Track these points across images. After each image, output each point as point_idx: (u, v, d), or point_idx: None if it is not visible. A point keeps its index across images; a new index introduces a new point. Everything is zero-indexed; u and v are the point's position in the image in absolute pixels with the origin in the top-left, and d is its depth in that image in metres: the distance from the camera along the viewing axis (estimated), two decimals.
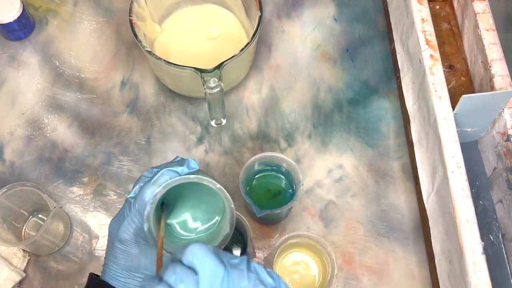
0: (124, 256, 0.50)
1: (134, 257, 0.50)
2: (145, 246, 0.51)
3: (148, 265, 0.50)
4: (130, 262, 0.50)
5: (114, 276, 0.51)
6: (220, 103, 0.72)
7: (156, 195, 0.48)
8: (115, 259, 0.51)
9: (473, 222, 0.61)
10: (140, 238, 0.50)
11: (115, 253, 0.51)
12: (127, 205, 0.51)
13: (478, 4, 0.76)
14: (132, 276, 0.51)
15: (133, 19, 0.75)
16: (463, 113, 0.68)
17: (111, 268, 0.51)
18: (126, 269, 0.50)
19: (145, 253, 0.50)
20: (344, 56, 0.88)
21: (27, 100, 0.84)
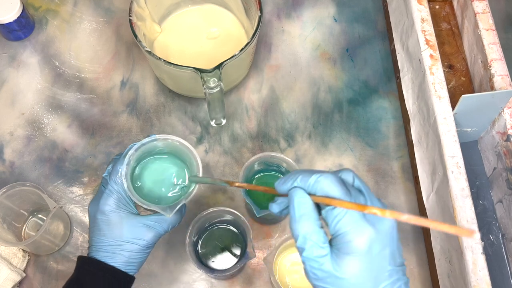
0: (107, 225, 0.53)
1: (117, 225, 0.53)
2: (125, 214, 0.54)
3: (132, 231, 0.53)
4: (114, 230, 0.53)
5: (100, 247, 0.53)
6: (220, 103, 0.72)
7: (129, 156, 0.54)
8: (99, 231, 0.53)
9: (473, 222, 0.61)
10: (120, 207, 0.54)
11: (99, 225, 0.53)
12: (103, 183, 0.55)
13: (478, 4, 0.76)
14: (117, 242, 0.53)
15: (133, 19, 0.75)
16: (463, 113, 0.68)
17: (96, 241, 0.53)
18: (111, 237, 0.53)
19: (127, 220, 0.53)
20: (344, 56, 0.88)
21: (27, 100, 0.84)
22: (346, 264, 0.37)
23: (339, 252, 0.38)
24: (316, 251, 0.38)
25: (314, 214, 0.39)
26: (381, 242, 0.37)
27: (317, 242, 0.38)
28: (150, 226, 0.54)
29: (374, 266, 0.37)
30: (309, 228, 0.39)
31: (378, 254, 0.37)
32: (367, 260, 0.37)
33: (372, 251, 0.37)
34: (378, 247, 0.37)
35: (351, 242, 0.37)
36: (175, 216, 0.56)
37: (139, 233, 0.53)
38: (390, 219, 0.38)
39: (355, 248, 0.37)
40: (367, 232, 0.37)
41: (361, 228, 0.37)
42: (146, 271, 0.72)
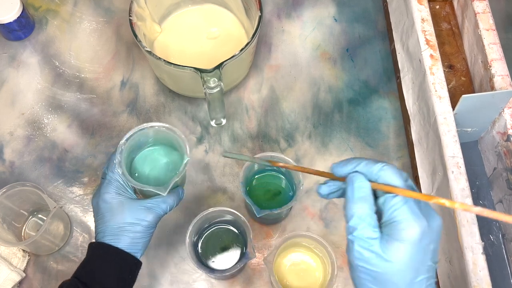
0: (110, 211, 0.57)
1: (118, 209, 0.57)
2: (125, 199, 0.58)
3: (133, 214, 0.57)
4: (116, 215, 0.57)
5: (105, 232, 0.57)
6: (220, 103, 0.72)
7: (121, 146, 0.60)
8: (103, 218, 0.57)
9: (473, 222, 0.61)
10: (119, 194, 0.58)
11: (102, 213, 0.58)
12: (102, 176, 0.60)
13: (478, 4, 0.76)
14: (120, 226, 0.57)
15: (133, 19, 0.75)
16: (463, 113, 0.68)
17: (101, 228, 0.57)
18: (114, 222, 0.57)
19: (127, 205, 0.58)
20: (344, 56, 0.88)
21: (27, 100, 0.84)
22: (395, 249, 0.39)
23: (390, 237, 0.40)
24: (367, 232, 0.40)
25: (371, 199, 0.42)
26: (430, 237, 0.40)
27: (370, 224, 0.40)
28: (150, 207, 0.58)
29: (419, 257, 0.40)
30: (365, 210, 0.41)
31: (424, 248, 0.40)
32: (414, 251, 0.39)
33: (421, 243, 0.39)
34: (426, 240, 0.40)
35: (404, 230, 0.39)
36: (172, 197, 0.60)
37: (140, 215, 0.57)
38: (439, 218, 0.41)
39: (407, 237, 0.39)
40: (421, 224, 0.39)
41: (417, 219, 0.40)
42: (146, 271, 0.72)
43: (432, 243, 0.40)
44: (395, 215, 0.40)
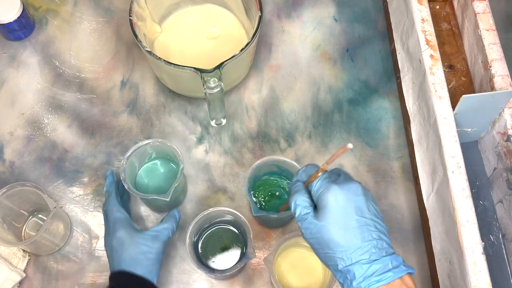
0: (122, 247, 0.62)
1: (130, 243, 0.62)
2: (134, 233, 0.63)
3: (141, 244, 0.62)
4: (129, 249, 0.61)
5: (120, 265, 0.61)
6: (220, 103, 0.72)
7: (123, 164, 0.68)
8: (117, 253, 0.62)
9: (473, 222, 0.61)
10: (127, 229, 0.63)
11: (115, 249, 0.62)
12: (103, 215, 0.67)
13: (478, 4, 0.76)
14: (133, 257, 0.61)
15: (133, 19, 0.75)
16: (463, 113, 0.68)
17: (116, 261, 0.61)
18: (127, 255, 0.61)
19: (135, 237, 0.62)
20: (344, 56, 0.88)
21: (27, 100, 0.84)
22: (322, 213, 0.49)
23: (319, 208, 0.50)
24: (303, 211, 0.51)
25: (303, 190, 0.53)
26: (345, 196, 0.49)
27: (303, 205, 0.51)
28: (155, 236, 0.64)
29: (342, 214, 0.49)
30: (297, 197, 0.52)
31: (344, 206, 0.49)
32: (336, 210, 0.49)
33: (339, 203, 0.49)
34: (343, 200, 0.49)
35: (322, 196, 0.50)
36: (170, 222, 0.66)
37: (148, 244, 0.62)
38: (357, 183, 0.50)
39: (326, 201, 0.49)
40: (332, 189, 0.49)
41: (329, 186, 0.50)
42: None
43: (351, 202, 0.49)
44: (316, 191, 0.51)
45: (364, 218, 0.48)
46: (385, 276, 0.47)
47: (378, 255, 0.48)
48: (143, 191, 0.73)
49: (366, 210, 0.49)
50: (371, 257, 0.47)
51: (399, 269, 0.47)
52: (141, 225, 0.75)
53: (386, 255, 0.48)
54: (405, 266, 0.48)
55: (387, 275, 0.47)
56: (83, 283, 0.72)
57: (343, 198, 0.49)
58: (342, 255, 0.48)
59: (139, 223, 0.75)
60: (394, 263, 0.48)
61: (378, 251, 0.48)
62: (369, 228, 0.48)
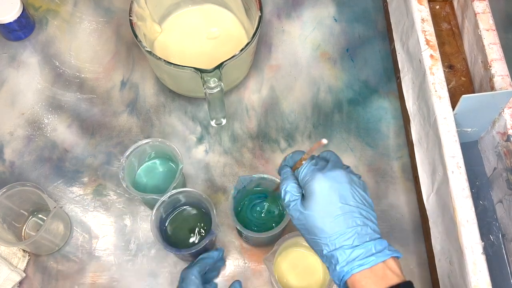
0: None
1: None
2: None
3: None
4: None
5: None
6: (220, 103, 0.72)
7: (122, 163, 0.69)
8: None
9: (473, 222, 0.61)
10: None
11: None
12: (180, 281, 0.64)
13: (478, 4, 0.76)
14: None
15: (133, 19, 0.75)
16: (463, 113, 0.68)
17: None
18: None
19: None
20: (344, 56, 0.88)
21: (27, 100, 0.84)
22: (308, 201, 0.51)
23: (305, 196, 0.52)
24: (291, 197, 0.52)
25: (292, 177, 0.54)
26: (329, 184, 0.50)
27: (292, 192, 0.52)
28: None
29: (327, 202, 0.50)
30: (287, 184, 0.53)
31: (328, 194, 0.50)
32: (320, 198, 0.50)
33: (323, 191, 0.50)
34: (327, 188, 0.50)
35: (307, 184, 0.51)
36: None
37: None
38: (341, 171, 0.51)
39: (311, 189, 0.51)
40: (317, 177, 0.50)
41: (313, 174, 0.51)
42: (146, 271, 0.72)
43: (335, 190, 0.50)
44: (302, 178, 0.52)
45: (348, 205, 0.50)
46: (368, 261, 0.48)
47: (360, 240, 0.49)
48: (142, 190, 0.73)
49: (351, 197, 0.50)
50: (354, 242, 0.49)
51: (382, 253, 0.48)
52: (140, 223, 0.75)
53: (370, 240, 0.49)
54: (389, 250, 0.49)
55: (369, 259, 0.48)
56: (83, 283, 0.72)
57: (327, 186, 0.50)
58: (326, 241, 0.49)
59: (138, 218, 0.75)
60: (378, 248, 0.49)
61: (361, 236, 0.49)
62: (353, 214, 0.49)
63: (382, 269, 0.48)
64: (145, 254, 0.73)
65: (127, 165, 0.69)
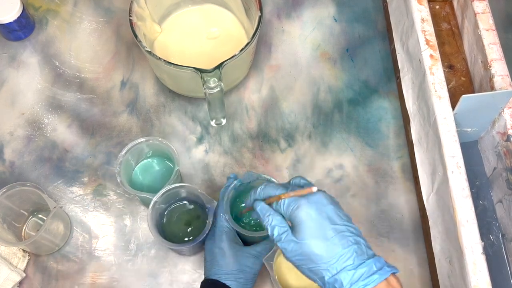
0: (223, 258, 0.63)
1: (232, 257, 0.63)
2: (238, 247, 0.64)
3: (244, 261, 0.63)
4: (230, 261, 0.63)
5: (219, 276, 0.62)
6: (220, 103, 0.72)
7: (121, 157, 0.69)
8: (217, 262, 0.63)
9: (473, 222, 0.61)
10: (232, 242, 0.64)
11: (216, 258, 0.63)
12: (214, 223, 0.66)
13: (478, 4, 0.76)
14: (232, 272, 0.62)
15: (133, 19, 0.75)
16: (463, 113, 0.68)
17: (216, 271, 0.62)
18: (227, 267, 0.62)
19: (240, 253, 0.63)
20: (344, 56, 0.88)
21: (27, 100, 0.84)
22: (299, 231, 0.50)
23: (294, 226, 0.51)
24: (279, 230, 0.51)
25: (272, 210, 0.53)
26: (315, 208, 0.50)
27: (280, 225, 0.52)
28: (256, 256, 0.65)
29: (318, 227, 0.49)
30: (271, 219, 0.52)
31: (317, 218, 0.49)
32: (311, 224, 0.49)
33: (312, 216, 0.49)
34: (314, 212, 0.49)
35: (294, 214, 0.50)
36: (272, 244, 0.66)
37: (248, 262, 0.64)
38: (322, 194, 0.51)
39: (299, 218, 0.50)
40: (302, 204, 0.50)
41: (298, 202, 0.50)
42: (146, 271, 0.72)
43: (322, 212, 0.50)
44: (285, 210, 0.51)
45: (337, 225, 0.49)
46: (371, 280, 0.47)
47: (361, 258, 0.48)
48: (138, 188, 0.73)
49: (337, 217, 0.50)
50: (355, 262, 0.48)
51: (383, 270, 0.48)
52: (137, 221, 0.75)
53: (369, 258, 0.48)
54: (388, 267, 0.49)
55: (373, 278, 0.47)
56: (83, 283, 0.72)
57: (314, 211, 0.50)
58: (326, 266, 0.49)
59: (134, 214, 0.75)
60: (377, 265, 0.48)
61: (361, 255, 0.48)
62: (345, 234, 0.49)
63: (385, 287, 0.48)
64: (145, 254, 0.73)
65: (124, 162, 0.69)
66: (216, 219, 0.66)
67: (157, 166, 0.75)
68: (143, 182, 0.74)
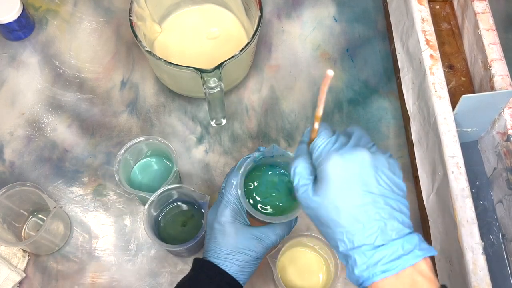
0: (222, 235, 0.55)
1: (231, 235, 0.55)
2: (241, 225, 0.56)
3: (244, 242, 0.55)
4: (228, 240, 0.55)
5: (214, 254, 0.56)
6: (220, 103, 0.72)
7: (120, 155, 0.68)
8: (215, 239, 0.56)
9: (473, 222, 0.61)
10: (235, 219, 0.56)
11: (215, 234, 0.56)
12: (220, 195, 0.58)
13: (478, 4, 0.76)
14: (231, 252, 0.55)
15: (133, 19, 0.75)
16: (463, 113, 0.68)
17: (212, 248, 0.56)
18: (225, 246, 0.55)
19: (241, 232, 0.56)
20: (344, 56, 0.88)
21: (27, 100, 0.84)
22: (320, 187, 0.43)
23: (318, 179, 0.44)
24: (302, 180, 0.45)
25: (306, 154, 0.46)
26: (348, 168, 0.42)
27: (303, 174, 0.45)
28: (260, 238, 0.56)
29: (343, 190, 0.42)
30: (297, 164, 0.46)
31: (345, 180, 0.42)
32: (335, 185, 0.42)
33: (339, 176, 0.42)
34: (344, 172, 0.42)
35: (321, 167, 0.43)
36: (283, 227, 0.57)
37: (250, 245, 0.55)
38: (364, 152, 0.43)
39: (324, 172, 0.43)
40: (333, 159, 0.43)
41: (329, 156, 0.43)
42: (146, 271, 0.72)
43: (355, 175, 0.42)
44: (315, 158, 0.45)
45: (370, 193, 0.41)
46: (393, 265, 0.39)
47: (385, 238, 0.40)
48: (137, 187, 0.73)
49: (375, 183, 0.42)
50: (376, 241, 0.40)
51: (412, 254, 0.40)
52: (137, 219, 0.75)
53: (397, 238, 0.40)
54: (420, 250, 0.40)
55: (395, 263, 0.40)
56: (83, 283, 0.72)
57: (345, 170, 0.42)
58: (342, 236, 0.42)
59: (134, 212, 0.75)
60: (406, 247, 0.40)
61: (386, 233, 0.40)
62: (377, 205, 0.41)
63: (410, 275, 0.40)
64: (145, 254, 0.73)
65: (123, 161, 0.70)
66: (224, 189, 0.57)
67: (156, 165, 0.75)
68: (141, 181, 0.74)
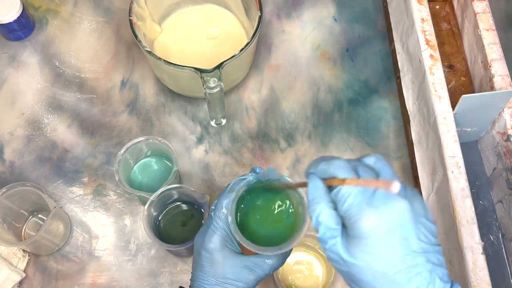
0: (210, 264, 0.51)
1: (220, 264, 0.50)
2: (230, 253, 0.51)
3: (233, 272, 0.50)
4: (216, 269, 0.51)
5: (201, 284, 0.51)
6: (220, 103, 0.72)
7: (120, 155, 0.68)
8: (202, 268, 0.51)
9: (473, 222, 0.61)
10: (224, 246, 0.51)
11: (201, 262, 0.51)
12: (208, 218, 0.53)
13: (478, 4, 0.76)
14: (218, 282, 0.51)
15: (133, 19, 0.75)
16: (463, 113, 0.68)
17: (199, 277, 0.51)
18: (212, 276, 0.51)
19: (230, 260, 0.51)
20: (344, 56, 0.88)
21: (27, 100, 0.84)
22: (354, 246, 0.37)
23: (348, 235, 0.38)
24: (328, 232, 0.38)
25: (326, 197, 0.39)
26: (386, 226, 0.36)
27: (328, 224, 0.38)
28: (251, 268, 0.51)
29: (382, 251, 0.37)
30: (321, 210, 0.39)
31: (384, 239, 0.36)
32: (373, 244, 0.37)
33: (377, 235, 0.36)
34: (382, 231, 0.36)
35: (354, 223, 0.37)
36: (276, 259, 0.52)
37: (240, 275, 0.51)
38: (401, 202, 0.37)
39: (359, 231, 0.37)
40: (368, 215, 0.37)
41: (362, 210, 0.37)
42: (146, 271, 0.72)
43: (394, 232, 0.36)
44: (345, 209, 0.38)
45: (412, 252, 0.37)
46: None
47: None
48: (137, 187, 0.73)
49: (415, 239, 0.37)
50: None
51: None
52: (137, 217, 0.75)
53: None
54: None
55: None
56: (83, 283, 0.72)
57: (382, 227, 0.36)
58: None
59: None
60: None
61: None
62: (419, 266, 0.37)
63: None
64: (145, 254, 0.73)
65: (123, 161, 0.70)
66: (213, 212, 0.52)
67: (156, 165, 0.76)
68: (141, 181, 0.75)
